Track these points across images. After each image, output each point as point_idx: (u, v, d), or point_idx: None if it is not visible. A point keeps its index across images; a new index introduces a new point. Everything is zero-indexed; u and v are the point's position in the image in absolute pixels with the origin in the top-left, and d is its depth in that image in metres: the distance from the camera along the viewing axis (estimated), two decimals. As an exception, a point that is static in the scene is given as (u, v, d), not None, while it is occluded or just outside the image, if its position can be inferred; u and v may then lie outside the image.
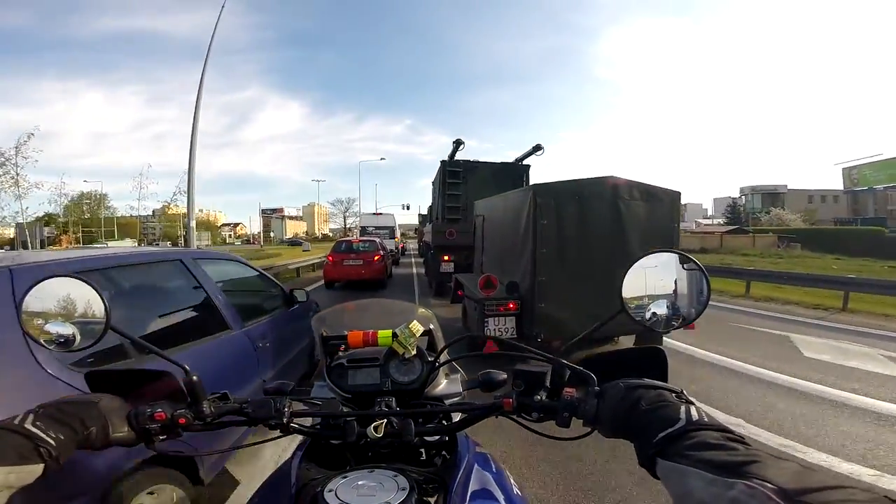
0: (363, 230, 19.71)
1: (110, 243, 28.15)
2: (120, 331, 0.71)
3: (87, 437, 0.60)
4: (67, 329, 0.70)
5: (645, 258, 0.68)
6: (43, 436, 0.54)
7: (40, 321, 0.70)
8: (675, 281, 0.67)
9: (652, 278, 0.67)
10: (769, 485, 0.38)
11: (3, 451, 0.51)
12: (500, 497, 0.77)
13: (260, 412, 0.72)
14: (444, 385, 0.98)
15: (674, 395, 0.56)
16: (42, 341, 0.70)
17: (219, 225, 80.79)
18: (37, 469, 0.53)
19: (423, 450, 0.84)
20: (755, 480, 0.39)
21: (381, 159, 34.02)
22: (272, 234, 76.83)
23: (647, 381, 0.60)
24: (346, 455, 0.80)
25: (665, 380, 0.63)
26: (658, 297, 0.68)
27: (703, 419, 0.50)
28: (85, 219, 42.63)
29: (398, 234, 21.85)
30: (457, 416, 0.84)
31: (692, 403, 0.54)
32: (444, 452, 0.85)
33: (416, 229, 31.26)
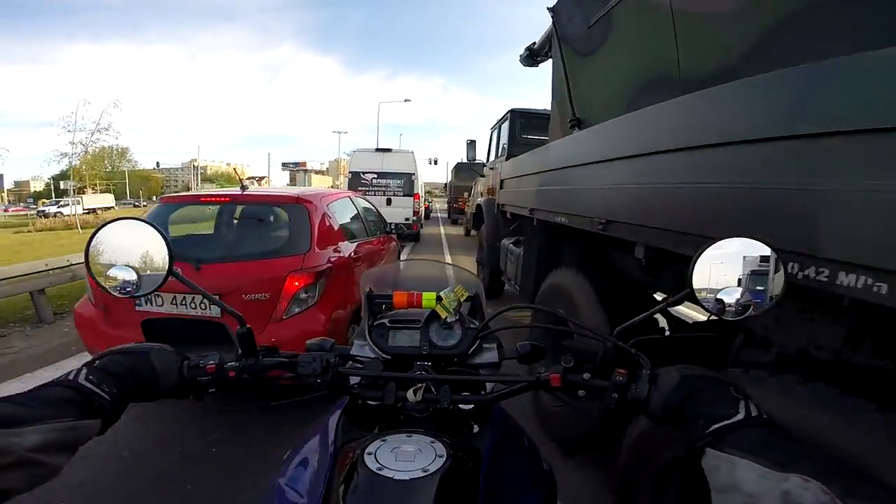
0: (355, 178, 10.47)
1: (85, 199, 28.61)
2: (181, 277, 0.71)
3: (137, 389, 0.62)
4: (131, 274, 0.68)
5: (717, 244, 0.62)
6: (97, 390, 0.55)
7: (105, 265, 0.68)
8: (748, 268, 0.61)
9: (723, 265, 0.62)
10: (823, 481, 0.39)
11: (63, 407, 0.51)
12: (532, 472, 0.80)
13: (308, 368, 0.72)
14: (481, 353, 0.92)
15: (731, 387, 0.56)
16: (107, 286, 0.68)
17: (242, 178, 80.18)
18: (94, 425, 0.53)
19: (454, 417, 0.81)
20: (812, 475, 0.40)
21: (406, 100, 29.91)
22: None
23: (705, 370, 0.59)
24: (380, 415, 0.82)
25: (719, 368, 0.65)
26: (728, 285, 0.62)
27: (762, 415, 0.51)
28: (107, 171, 43.14)
29: (420, 188, 12.73)
30: (493, 385, 0.80)
31: (750, 399, 0.53)
32: (473, 422, 0.86)
33: (445, 185, 23.93)
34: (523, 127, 5.60)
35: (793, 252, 0.82)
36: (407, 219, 10.36)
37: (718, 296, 0.62)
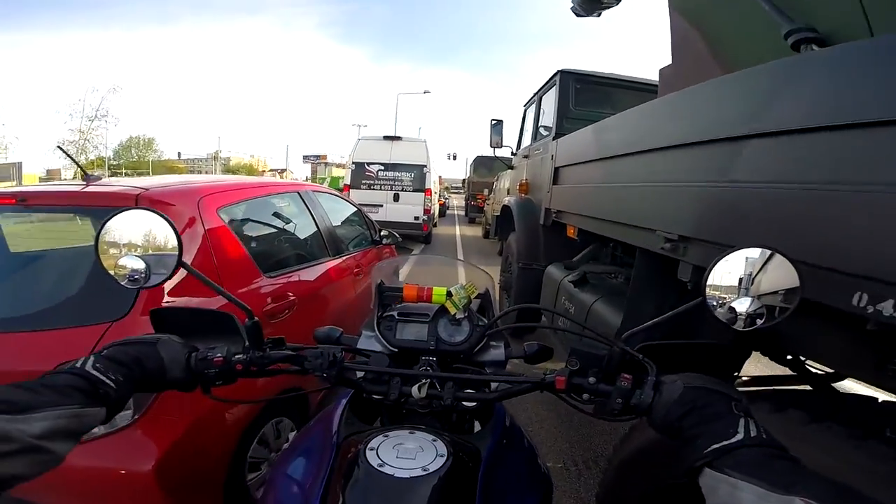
0: (358, 170, 8.81)
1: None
2: (189, 268, 0.70)
3: (144, 379, 0.61)
4: (140, 263, 0.66)
5: (733, 252, 0.61)
6: (103, 378, 0.54)
7: (115, 255, 0.67)
8: (761, 277, 0.60)
9: (737, 274, 0.61)
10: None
11: (69, 394, 0.50)
12: (530, 474, 0.81)
13: (315, 363, 0.70)
14: (487, 351, 0.89)
15: (733, 403, 0.54)
16: (115, 275, 0.67)
17: (264, 171, 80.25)
18: (99, 413, 0.53)
19: (455, 414, 0.84)
20: (811, 496, 0.39)
21: (426, 92, 27.82)
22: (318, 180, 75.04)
23: (709, 383, 0.57)
24: (382, 409, 0.84)
25: (726, 377, 0.66)
26: (741, 295, 0.60)
27: (761, 435, 0.49)
28: (133, 161, 43.87)
29: (434, 184, 10.52)
30: (497, 385, 0.79)
31: (751, 417, 0.52)
32: (475, 420, 0.89)
33: (463, 181, 22.01)
34: (579, 95, 3.64)
35: (812, 265, 0.79)
36: (416, 217, 8.76)
37: (731, 305, 0.61)
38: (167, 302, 1.31)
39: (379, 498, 0.56)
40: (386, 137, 9.05)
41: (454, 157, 18.68)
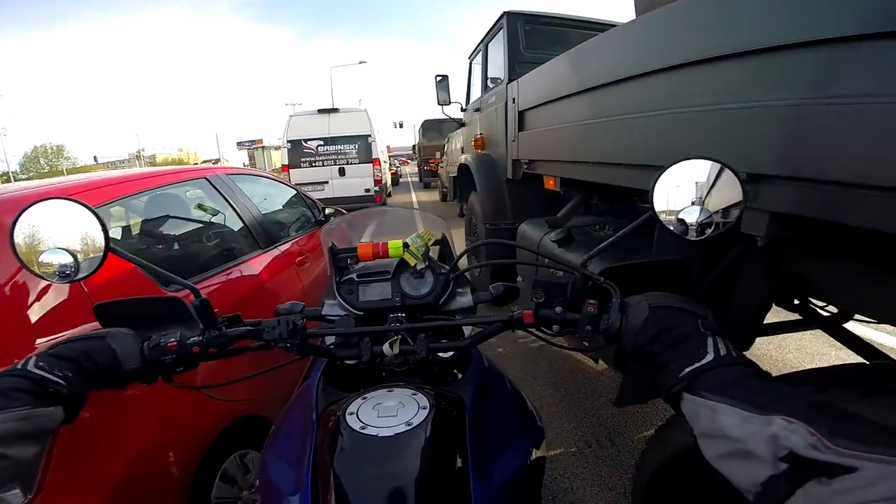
0: (296, 149, 8.01)
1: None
2: (121, 252, 0.66)
3: (97, 374, 0.58)
4: (66, 257, 0.62)
5: (675, 165, 0.61)
6: (49, 376, 0.52)
7: (36, 250, 0.62)
8: (706, 187, 0.60)
9: (683, 187, 0.61)
10: (808, 421, 0.37)
11: (13, 397, 0.48)
12: (518, 416, 0.80)
13: (274, 333, 0.66)
14: (455, 299, 0.88)
15: (700, 321, 0.54)
16: (41, 273, 0.62)
17: (196, 163, 74.58)
18: (56, 412, 0.51)
19: (435, 367, 0.82)
20: (794, 416, 0.38)
21: (361, 62, 26.00)
22: (258, 168, 70.68)
23: (674, 300, 0.57)
24: (360, 374, 0.81)
25: (687, 292, 0.62)
26: (688, 205, 0.61)
27: (730, 353, 0.49)
28: (44, 172, 39.98)
29: (382, 153, 9.88)
30: (470, 331, 0.79)
31: (718, 334, 0.51)
32: (455, 370, 0.87)
33: (413, 147, 21.03)
34: (529, 37, 3.23)
35: (750, 173, 0.80)
36: (367, 189, 8.25)
37: (680, 216, 0.61)
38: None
39: (367, 460, 0.55)
40: (321, 111, 8.27)
41: (401, 125, 17.57)
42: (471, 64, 4.46)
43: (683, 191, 0.60)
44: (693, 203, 0.60)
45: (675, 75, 1.17)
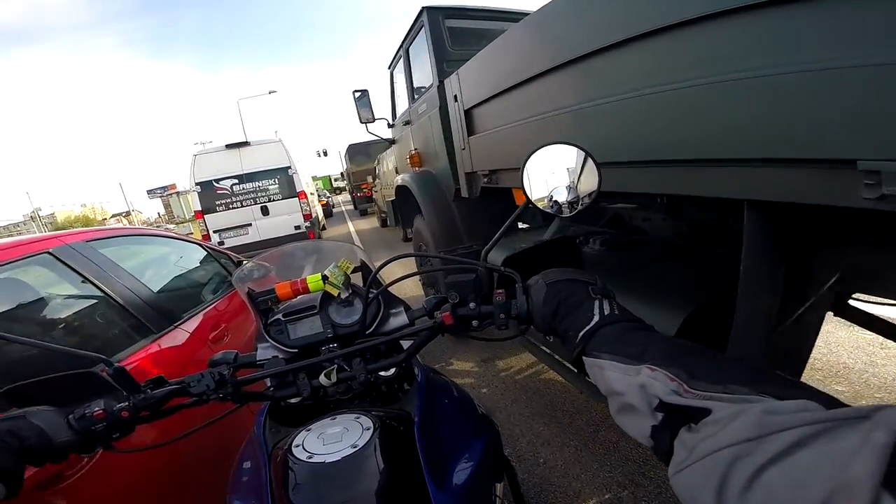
0: (207, 191, 7.09)
1: None
2: (8, 336, 0.67)
3: (29, 450, 0.55)
4: None
5: (540, 150, 0.68)
6: None
7: None
8: (571, 170, 0.68)
9: (550, 170, 0.68)
10: (668, 367, 0.38)
11: None
12: (469, 420, 0.84)
13: (201, 386, 0.66)
14: (389, 321, 0.89)
15: (590, 287, 0.55)
16: None
17: (105, 218, 67.00)
18: None
19: (384, 387, 0.84)
20: (656, 362, 0.39)
21: (271, 92, 24.57)
22: (176, 216, 64.94)
23: (567, 273, 0.59)
24: (310, 410, 0.81)
25: (579, 264, 0.68)
26: (557, 186, 0.69)
27: (613, 312, 0.51)
28: None
29: (307, 185, 8.65)
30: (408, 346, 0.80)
31: (605, 297, 0.53)
32: (407, 386, 0.87)
33: (342, 175, 22.57)
34: (454, 33, 2.92)
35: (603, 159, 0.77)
36: (297, 227, 7.48)
37: (552, 198, 0.67)
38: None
39: (322, 487, 0.57)
40: (230, 146, 7.32)
41: (325, 154, 16.75)
42: (392, 74, 4.07)
43: (551, 174, 0.68)
44: (561, 184, 0.68)
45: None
